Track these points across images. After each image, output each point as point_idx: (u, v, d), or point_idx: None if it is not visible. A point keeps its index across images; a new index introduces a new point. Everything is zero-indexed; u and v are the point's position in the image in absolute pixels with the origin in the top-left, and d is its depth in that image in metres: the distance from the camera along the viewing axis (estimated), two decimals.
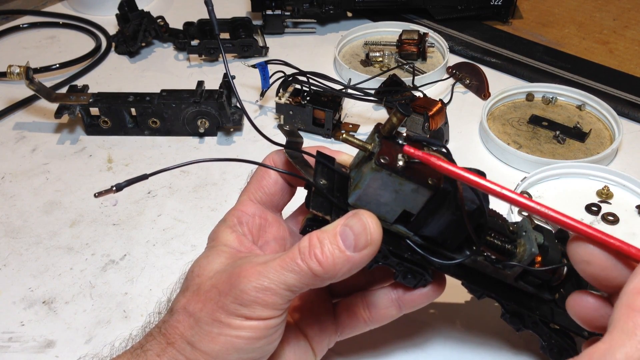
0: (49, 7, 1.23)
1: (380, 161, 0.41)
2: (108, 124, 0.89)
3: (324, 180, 0.45)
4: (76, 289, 0.68)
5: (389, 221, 0.44)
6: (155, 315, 0.55)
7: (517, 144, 0.87)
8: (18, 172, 0.84)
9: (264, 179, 0.50)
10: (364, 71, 1.01)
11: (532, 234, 0.49)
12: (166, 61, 1.07)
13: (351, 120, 0.92)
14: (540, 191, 0.79)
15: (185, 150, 0.88)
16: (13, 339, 0.63)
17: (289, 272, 0.41)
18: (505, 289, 0.50)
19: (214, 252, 0.46)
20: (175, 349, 0.43)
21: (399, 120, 0.42)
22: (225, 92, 0.87)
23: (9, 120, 0.94)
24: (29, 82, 0.83)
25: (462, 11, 1.14)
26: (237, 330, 0.42)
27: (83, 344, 0.62)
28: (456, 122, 0.91)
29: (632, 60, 1.07)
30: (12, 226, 0.75)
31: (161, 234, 0.74)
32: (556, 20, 1.19)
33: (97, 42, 1.10)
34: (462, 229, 0.43)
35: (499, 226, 0.49)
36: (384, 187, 0.42)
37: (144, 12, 1.07)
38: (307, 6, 1.10)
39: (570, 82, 0.98)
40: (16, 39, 1.14)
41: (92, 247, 0.73)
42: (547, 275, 0.49)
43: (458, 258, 0.46)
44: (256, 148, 0.87)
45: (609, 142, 0.87)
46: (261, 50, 1.06)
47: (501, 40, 1.10)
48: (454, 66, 1.02)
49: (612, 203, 0.78)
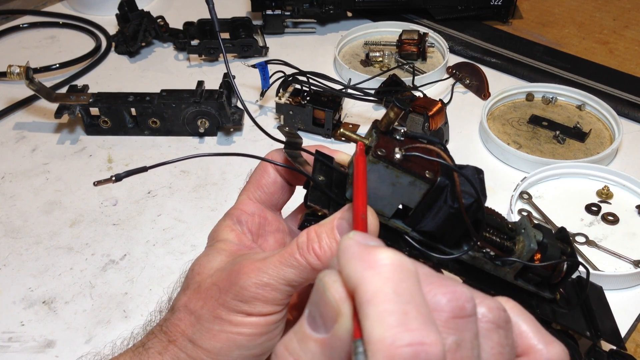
0: (49, 7, 1.23)
1: (377, 153, 0.41)
2: (108, 124, 0.89)
3: (322, 177, 0.46)
4: (76, 289, 0.68)
5: (386, 216, 0.44)
6: (157, 313, 0.55)
7: (517, 144, 0.87)
8: (18, 172, 0.84)
9: (263, 177, 0.50)
10: (364, 71, 1.01)
11: (531, 231, 0.49)
12: (166, 61, 1.07)
13: (351, 120, 0.92)
14: (540, 191, 0.79)
15: (185, 150, 0.88)
16: (13, 339, 0.63)
17: (288, 267, 0.41)
18: (505, 287, 0.49)
19: (214, 250, 0.46)
20: (177, 346, 0.43)
21: (396, 114, 0.42)
22: (225, 92, 0.87)
23: (9, 120, 0.94)
24: (29, 82, 0.83)
25: (462, 11, 1.14)
26: (238, 327, 0.42)
27: (83, 344, 0.62)
28: (456, 122, 0.91)
29: (632, 60, 1.07)
30: (12, 226, 0.75)
31: (161, 234, 0.74)
32: (556, 20, 1.19)
33: (97, 42, 1.10)
34: (460, 223, 0.43)
35: (497, 223, 0.49)
36: (381, 180, 0.42)
37: (144, 12, 1.07)
38: (307, 6, 1.10)
39: (570, 82, 0.98)
40: (16, 39, 1.14)
41: (92, 247, 0.73)
42: (547, 272, 0.49)
43: (456, 254, 0.46)
44: (256, 148, 0.87)
45: (609, 142, 0.87)
46: (261, 50, 1.06)
47: (501, 40, 1.10)
48: (454, 66, 1.02)
49: (612, 203, 0.77)
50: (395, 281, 0.28)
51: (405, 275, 0.29)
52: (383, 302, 0.28)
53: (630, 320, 0.65)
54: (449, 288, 0.31)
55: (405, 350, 0.27)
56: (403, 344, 0.27)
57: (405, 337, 0.27)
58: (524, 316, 0.36)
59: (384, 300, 0.28)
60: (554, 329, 0.52)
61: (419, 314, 0.28)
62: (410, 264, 0.29)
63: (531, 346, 0.35)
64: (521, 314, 0.36)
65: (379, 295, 0.28)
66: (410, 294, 0.28)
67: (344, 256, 0.30)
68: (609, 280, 0.66)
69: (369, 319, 0.28)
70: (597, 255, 0.70)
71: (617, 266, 0.69)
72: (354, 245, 0.30)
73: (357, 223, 0.35)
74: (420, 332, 0.27)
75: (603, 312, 0.56)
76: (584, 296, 0.55)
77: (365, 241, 0.31)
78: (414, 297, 0.28)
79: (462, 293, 0.30)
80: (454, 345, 0.30)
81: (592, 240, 0.72)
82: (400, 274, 0.29)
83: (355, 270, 0.29)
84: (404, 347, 0.27)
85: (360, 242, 0.31)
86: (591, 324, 0.54)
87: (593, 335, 0.53)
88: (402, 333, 0.27)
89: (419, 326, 0.27)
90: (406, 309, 0.28)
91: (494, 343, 0.32)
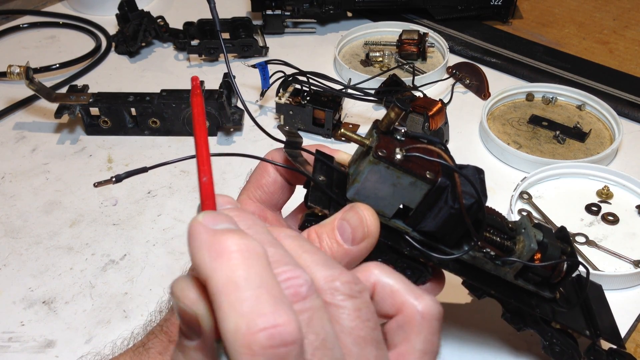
0: (49, 7, 1.23)
1: (378, 154, 0.41)
2: (108, 124, 0.89)
3: (323, 177, 0.46)
4: (76, 289, 0.68)
5: (387, 216, 0.44)
6: (157, 313, 0.55)
7: (517, 144, 0.87)
8: (18, 172, 0.84)
9: (263, 177, 0.50)
10: (364, 71, 1.01)
11: (532, 231, 0.49)
12: (166, 61, 1.07)
13: (351, 120, 0.92)
14: (540, 191, 0.79)
15: (185, 150, 0.88)
16: (13, 339, 0.63)
17: None
18: (505, 287, 0.50)
19: None
20: None
21: (396, 115, 0.42)
22: (225, 92, 0.87)
23: (9, 120, 0.94)
24: (29, 82, 0.83)
25: (462, 11, 1.14)
26: None
27: (83, 344, 0.62)
28: (456, 122, 0.91)
29: (632, 60, 1.07)
30: (12, 226, 0.75)
31: (161, 234, 0.74)
32: (556, 20, 1.19)
33: (97, 42, 1.10)
34: (461, 223, 0.43)
35: (497, 223, 0.49)
36: (381, 181, 0.42)
37: (144, 12, 1.07)
38: (307, 6, 1.10)
39: (570, 82, 0.98)
40: (16, 39, 1.14)
41: (92, 247, 0.73)
42: (547, 271, 0.49)
43: (457, 254, 0.46)
44: (256, 148, 0.87)
45: (609, 142, 0.87)
46: (261, 50, 1.06)
47: (501, 40, 1.10)
48: (454, 66, 1.02)
49: (612, 203, 0.77)
50: (243, 267, 0.28)
51: (255, 260, 0.29)
52: (234, 291, 0.27)
53: (630, 320, 0.65)
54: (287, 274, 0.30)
55: (261, 336, 0.26)
56: (258, 329, 0.26)
57: (259, 322, 0.27)
58: (394, 276, 0.37)
59: (235, 289, 0.28)
60: (554, 328, 0.53)
61: (269, 297, 0.27)
62: (257, 247, 0.29)
63: (404, 302, 0.36)
64: (390, 275, 0.37)
65: (229, 285, 0.28)
66: (260, 278, 0.28)
67: (192, 244, 0.30)
68: (609, 280, 0.66)
69: (222, 310, 0.27)
70: (597, 255, 0.70)
71: (617, 266, 0.69)
72: (202, 232, 0.30)
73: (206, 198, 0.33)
74: (272, 314, 0.27)
75: (602, 311, 0.56)
76: (584, 295, 0.55)
77: (215, 224, 0.30)
78: (265, 281, 0.28)
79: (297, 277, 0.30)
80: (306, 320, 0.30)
81: (592, 240, 0.72)
82: (248, 259, 0.28)
83: (204, 262, 0.29)
84: (259, 332, 0.26)
85: (209, 226, 0.30)
86: (590, 323, 0.54)
87: (592, 334, 0.53)
88: (255, 319, 0.27)
89: (270, 309, 0.27)
90: (258, 293, 0.27)
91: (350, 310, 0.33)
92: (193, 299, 0.30)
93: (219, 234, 0.29)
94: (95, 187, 0.47)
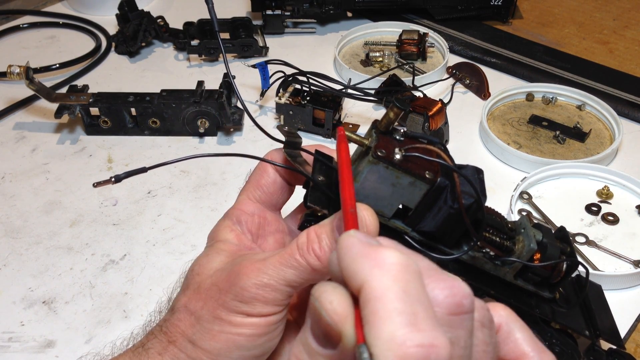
0: (49, 7, 1.23)
1: (377, 154, 0.41)
2: (108, 124, 0.89)
3: (322, 177, 0.45)
4: (76, 289, 0.68)
5: (386, 216, 0.44)
6: (156, 314, 0.55)
7: (517, 144, 0.87)
8: (18, 172, 0.84)
9: (263, 177, 0.50)
10: (364, 71, 1.01)
11: (531, 231, 0.49)
12: (166, 61, 1.07)
13: (351, 120, 0.92)
14: (540, 191, 0.79)
15: (186, 150, 0.88)
16: (13, 339, 0.63)
17: (287, 267, 0.41)
18: (504, 287, 0.50)
19: (214, 250, 0.46)
20: (177, 347, 0.43)
21: (395, 115, 0.42)
22: (225, 92, 0.87)
23: (9, 120, 0.94)
24: (29, 82, 0.83)
25: (462, 11, 1.14)
26: (238, 328, 0.42)
27: (83, 344, 0.62)
28: (456, 122, 0.91)
29: (632, 60, 1.07)
30: (12, 226, 0.75)
31: (161, 234, 0.74)
32: (556, 20, 1.19)
33: (97, 42, 1.10)
34: (460, 223, 0.43)
35: (497, 223, 0.49)
36: (381, 181, 0.42)
37: (144, 12, 1.07)
38: (307, 6, 1.10)
39: (570, 82, 0.98)
40: (16, 39, 1.14)
41: (92, 247, 0.73)
42: (546, 271, 0.49)
43: (456, 254, 0.46)
44: (256, 148, 0.87)
45: (609, 142, 0.87)
46: (261, 50, 1.06)
47: (501, 40, 1.10)
48: (454, 66, 1.02)
49: (612, 203, 0.77)
50: (403, 281, 0.28)
51: (412, 276, 0.29)
52: (392, 301, 0.27)
53: (630, 320, 0.65)
54: (447, 283, 0.30)
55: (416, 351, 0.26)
56: (414, 344, 0.26)
57: (415, 337, 0.27)
58: (519, 324, 0.37)
59: (393, 299, 0.27)
60: (553, 328, 0.52)
61: (427, 316, 0.27)
62: (414, 264, 0.29)
63: (524, 353, 0.35)
64: (516, 322, 0.37)
65: (388, 294, 0.28)
66: (417, 294, 0.28)
67: (347, 254, 0.30)
68: (609, 281, 0.66)
69: (378, 317, 0.27)
70: (597, 255, 0.70)
71: (617, 266, 0.69)
72: (357, 244, 0.30)
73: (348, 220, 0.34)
74: (430, 333, 0.27)
75: (602, 311, 0.56)
76: (583, 295, 0.55)
77: (368, 240, 0.31)
78: (422, 298, 0.28)
79: (459, 289, 0.30)
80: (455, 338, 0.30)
81: (592, 240, 0.72)
82: (407, 274, 0.29)
83: (361, 268, 0.29)
84: (415, 347, 0.26)
85: (363, 240, 0.30)
86: (590, 323, 0.54)
87: (592, 334, 0.53)
88: (412, 333, 0.27)
89: (429, 327, 0.27)
90: (415, 309, 0.27)
91: (479, 341, 0.33)
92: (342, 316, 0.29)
93: (376, 247, 0.30)
94: (94, 187, 0.47)
